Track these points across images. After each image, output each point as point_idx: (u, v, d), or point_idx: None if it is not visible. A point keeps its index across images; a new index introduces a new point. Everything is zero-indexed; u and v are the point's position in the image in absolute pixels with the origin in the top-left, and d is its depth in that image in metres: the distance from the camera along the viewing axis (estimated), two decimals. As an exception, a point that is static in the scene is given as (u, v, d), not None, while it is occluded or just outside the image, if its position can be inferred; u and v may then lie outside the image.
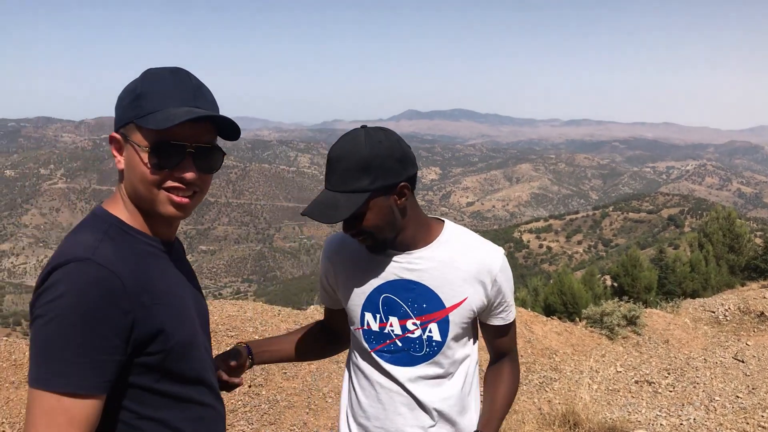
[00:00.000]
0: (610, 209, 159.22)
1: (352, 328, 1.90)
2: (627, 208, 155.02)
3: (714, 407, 6.37)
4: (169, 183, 1.34)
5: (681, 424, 6.00)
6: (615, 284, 24.51)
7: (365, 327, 1.84)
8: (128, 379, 1.30)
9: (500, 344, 1.94)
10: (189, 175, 1.34)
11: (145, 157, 1.31)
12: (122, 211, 1.39)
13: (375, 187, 1.63)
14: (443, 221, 1.86)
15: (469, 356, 1.88)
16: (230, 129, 1.40)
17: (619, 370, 7.48)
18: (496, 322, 1.86)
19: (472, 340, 1.89)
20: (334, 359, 5.95)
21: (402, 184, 1.68)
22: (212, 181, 1.46)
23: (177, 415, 1.40)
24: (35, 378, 1.19)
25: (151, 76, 1.36)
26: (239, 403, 5.46)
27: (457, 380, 1.85)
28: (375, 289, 1.81)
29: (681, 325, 9.03)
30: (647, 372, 7.44)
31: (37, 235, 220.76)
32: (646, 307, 10.21)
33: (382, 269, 1.80)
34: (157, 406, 1.36)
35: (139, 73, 1.39)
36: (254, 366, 2.04)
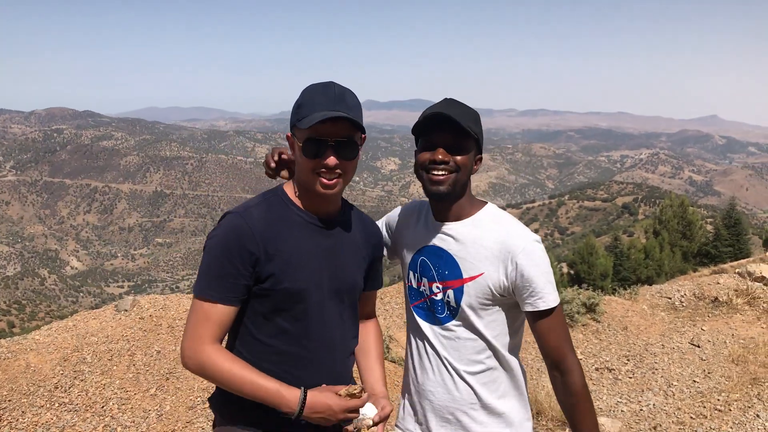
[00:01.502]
0: (566, 198, 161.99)
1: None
2: (582, 197, 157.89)
3: (672, 392, 6.48)
4: (319, 169, 1.81)
5: (641, 409, 6.09)
6: (572, 272, 24.91)
7: (409, 283, 2.15)
8: (249, 303, 1.86)
9: (545, 343, 1.94)
10: (330, 162, 1.79)
11: (300, 150, 1.82)
12: (291, 189, 1.95)
13: (478, 138, 1.95)
14: (486, 203, 2.07)
15: (499, 335, 2.02)
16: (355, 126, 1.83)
17: (579, 357, 7.54)
18: (527, 308, 1.94)
19: (501, 320, 2.02)
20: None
21: (481, 155, 2.04)
22: (170, 173, 1.56)
23: (281, 346, 1.88)
24: (195, 288, 1.82)
25: (308, 90, 1.84)
26: (198, 399, 5.34)
27: (485, 353, 2.02)
28: (418, 251, 2.11)
29: (639, 312, 9.16)
30: (607, 359, 7.54)
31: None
32: (603, 294, 10.34)
33: (427, 235, 2.08)
34: (268, 332, 1.88)
35: (89, 62, 1.38)
36: None
